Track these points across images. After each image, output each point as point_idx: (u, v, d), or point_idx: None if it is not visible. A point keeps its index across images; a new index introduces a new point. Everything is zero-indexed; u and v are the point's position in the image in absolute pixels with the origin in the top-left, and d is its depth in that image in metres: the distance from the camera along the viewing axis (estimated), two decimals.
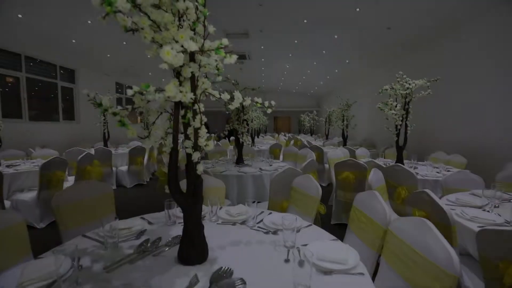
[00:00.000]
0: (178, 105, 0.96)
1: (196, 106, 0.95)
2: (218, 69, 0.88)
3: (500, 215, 1.56)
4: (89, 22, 5.02)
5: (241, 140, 3.90)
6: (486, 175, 3.65)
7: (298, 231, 1.34)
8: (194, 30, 0.93)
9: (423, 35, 5.23)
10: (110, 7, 0.67)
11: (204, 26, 0.95)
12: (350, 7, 4.40)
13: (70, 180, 3.70)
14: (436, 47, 5.29)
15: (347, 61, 7.86)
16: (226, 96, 1.04)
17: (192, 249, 1.04)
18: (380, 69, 8.03)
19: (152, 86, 0.79)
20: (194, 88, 0.95)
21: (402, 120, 3.43)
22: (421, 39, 5.45)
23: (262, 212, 1.65)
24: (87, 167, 3.73)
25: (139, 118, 11.33)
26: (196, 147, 0.98)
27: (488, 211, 1.64)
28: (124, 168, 5.37)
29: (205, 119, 0.97)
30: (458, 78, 4.60)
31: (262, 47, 7.08)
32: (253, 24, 5.53)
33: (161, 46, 0.87)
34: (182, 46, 0.77)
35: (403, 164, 3.49)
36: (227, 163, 3.70)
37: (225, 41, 0.76)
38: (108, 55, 6.89)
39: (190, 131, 0.99)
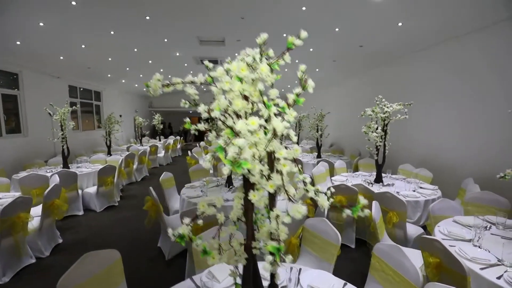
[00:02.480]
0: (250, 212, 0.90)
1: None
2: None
3: (489, 251, 1.82)
4: (41, 24, 4.30)
5: None
6: (448, 188, 4.19)
7: None
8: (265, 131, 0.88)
9: (392, 53, 5.71)
10: (226, 161, 0.59)
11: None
12: (330, 27, 4.56)
13: (35, 214, 3.17)
14: (403, 64, 5.84)
15: (317, 69, 8.18)
16: (294, 169, 1.00)
17: None
18: (347, 78, 8.55)
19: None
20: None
21: (381, 141, 3.74)
22: (390, 57, 5.95)
23: (292, 268, 1.65)
24: (55, 201, 3.25)
25: (96, 122, 10.21)
26: (279, 260, 0.91)
27: (479, 247, 1.90)
28: (92, 189, 4.81)
29: None
30: (421, 95, 5.16)
31: (237, 54, 6.92)
32: (231, 33, 5.40)
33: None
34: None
35: (382, 181, 3.85)
36: (217, 187, 3.55)
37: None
38: (62, 58, 6.01)
39: (264, 228, 0.93)
